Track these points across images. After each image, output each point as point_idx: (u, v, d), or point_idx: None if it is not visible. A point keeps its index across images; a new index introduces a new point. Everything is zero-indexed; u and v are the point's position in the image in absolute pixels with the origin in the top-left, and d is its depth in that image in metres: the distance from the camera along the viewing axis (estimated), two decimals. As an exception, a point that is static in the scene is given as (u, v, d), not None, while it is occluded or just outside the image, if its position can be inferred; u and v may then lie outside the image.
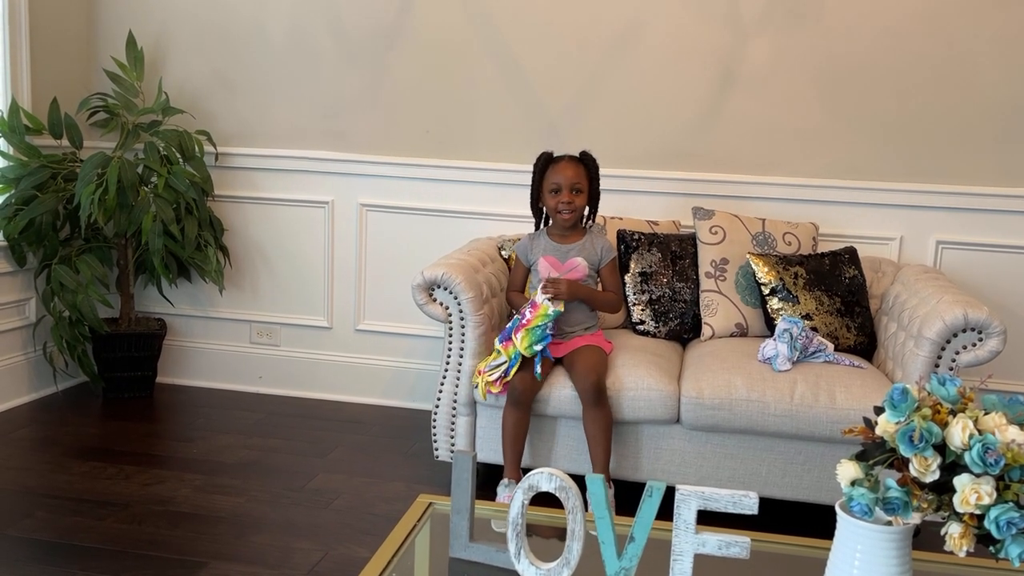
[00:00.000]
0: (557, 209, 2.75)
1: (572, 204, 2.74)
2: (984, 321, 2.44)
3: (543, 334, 2.62)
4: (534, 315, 2.63)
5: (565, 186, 2.74)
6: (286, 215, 3.65)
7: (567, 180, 2.74)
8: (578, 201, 2.75)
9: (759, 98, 3.25)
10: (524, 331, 2.61)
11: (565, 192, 2.74)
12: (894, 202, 3.20)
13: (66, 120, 3.39)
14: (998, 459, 1.22)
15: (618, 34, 3.30)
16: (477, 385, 2.67)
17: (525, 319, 2.63)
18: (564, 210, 2.74)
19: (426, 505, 1.81)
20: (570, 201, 2.73)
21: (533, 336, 2.61)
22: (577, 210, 2.76)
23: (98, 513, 2.55)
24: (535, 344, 2.61)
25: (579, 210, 2.77)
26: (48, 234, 3.32)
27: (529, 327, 2.61)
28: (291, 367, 3.71)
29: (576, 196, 2.74)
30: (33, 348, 3.52)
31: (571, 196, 2.73)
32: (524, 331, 2.61)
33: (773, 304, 2.89)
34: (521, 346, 2.60)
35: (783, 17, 3.19)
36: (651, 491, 1.42)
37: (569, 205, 2.73)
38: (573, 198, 2.74)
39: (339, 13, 3.48)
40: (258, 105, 3.61)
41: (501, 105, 3.42)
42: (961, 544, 1.25)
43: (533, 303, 2.66)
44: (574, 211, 2.75)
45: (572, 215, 2.75)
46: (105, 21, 3.66)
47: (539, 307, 2.63)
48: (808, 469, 2.58)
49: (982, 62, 3.09)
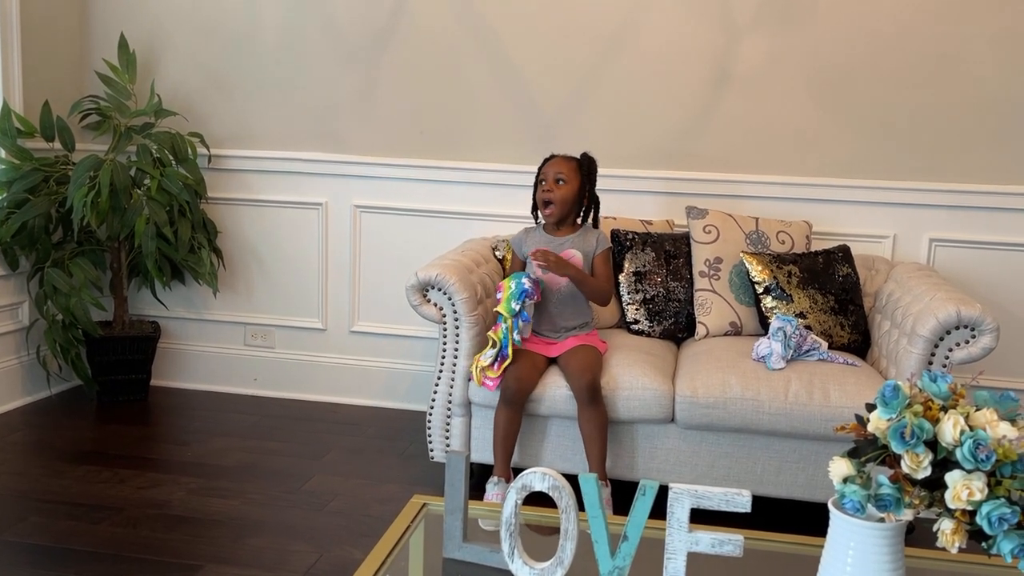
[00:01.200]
0: (541, 199, 2.77)
1: (551, 193, 2.74)
2: (977, 318, 2.45)
3: (520, 289, 2.62)
4: (503, 285, 2.65)
5: (549, 176, 2.77)
6: (280, 217, 3.64)
7: (551, 171, 2.77)
8: (559, 192, 2.74)
9: (752, 97, 3.25)
10: (504, 296, 2.62)
11: (549, 182, 2.76)
12: (887, 200, 3.21)
13: (58, 123, 3.38)
14: (989, 455, 1.22)
15: (611, 34, 3.31)
16: (473, 374, 2.67)
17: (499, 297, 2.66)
18: (545, 199, 2.75)
19: (420, 506, 1.81)
20: (550, 190, 2.74)
21: (512, 294, 2.61)
22: (558, 201, 2.75)
23: (93, 517, 2.55)
24: (513, 301, 2.61)
25: (560, 202, 2.76)
26: (41, 237, 3.31)
27: (507, 290, 2.63)
28: (286, 369, 3.71)
29: (557, 186, 2.75)
30: (27, 352, 3.51)
31: (553, 185, 2.75)
32: (504, 296, 2.62)
33: (767, 303, 2.89)
34: (503, 308, 2.61)
35: (776, 17, 3.20)
36: (644, 490, 1.42)
37: (549, 194, 2.74)
38: (554, 187, 2.75)
39: (332, 14, 3.48)
40: (251, 107, 3.60)
41: (495, 106, 3.42)
42: (953, 540, 1.25)
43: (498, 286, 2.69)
44: (553, 201, 2.75)
45: (554, 207, 2.75)
46: (97, 23, 3.66)
47: (503, 285, 2.66)
48: (802, 467, 2.58)
49: (974, 60, 3.10)
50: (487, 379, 2.63)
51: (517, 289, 2.62)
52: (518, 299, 2.61)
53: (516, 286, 2.62)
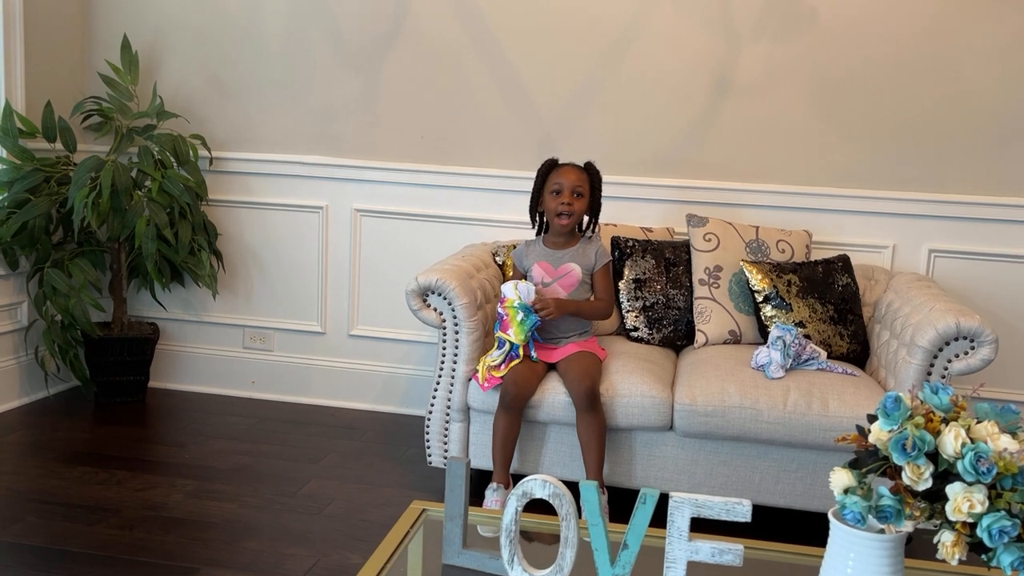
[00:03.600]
0: (557, 211, 2.76)
1: (571, 207, 2.74)
2: (976, 330, 2.45)
3: (528, 318, 2.63)
4: (506, 309, 2.65)
5: (567, 187, 2.75)
6: (280, 220, 3.64)
7: (569, 183, 2.75)
8: (577, 205, 2.76)
9: (753, 106, 3.26)
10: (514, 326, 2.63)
11: (566, 193, 2.74)
12: (887, 210, 3.21)
13: (60, 123, 3.38)
14: (990, 467, 1.22)
15: (613, 42, 3.31)
16: (478, 371, 2.67)
17: (504, 319, 2.66)
18: (563, 212, 2.74)
19: (419, 512, 1.81)
20: (570, 203, 2.74)
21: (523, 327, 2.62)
22: (576, 214, 2.77)
23: (89, 518, 2.54)
24: (524, 332, 2.63)
25: (577, 215, 2.78)
26: (41, 238, 3.30)
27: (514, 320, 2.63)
28: (284, 372, 3.70)
29: (576, 200, 2.75)
30: (25, 352, 3.50)
31: (571, 198, 2.74)
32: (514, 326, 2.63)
33: (766, 311, 2.89)
34: (517, 339, 2.62)
35: (777, 26, 3.21)
36: (644, 498, 1.42)
37: (568, 207, 2.74)
38: (573, 200, 2.74)
39: (334, 18, 3.49)
40: (253, 110, 3.60)
41: (496, 111, 3.43)
42: (953, 552, 1.25)
43: (502, 299, 2.68)
44: (573, 214, 2.76)
45: (571, 219, 2.76)
46: (99, 25, 3.66)
47: (506, 299, 2.65)
48: (801, 477, 2.58)
49: (975, 71, 3.11)
50: (490, 377, 2.64)
51: (528, 322, 2.63)
52: (529, 329, 2.63)
53: (526, 318, 2.63)
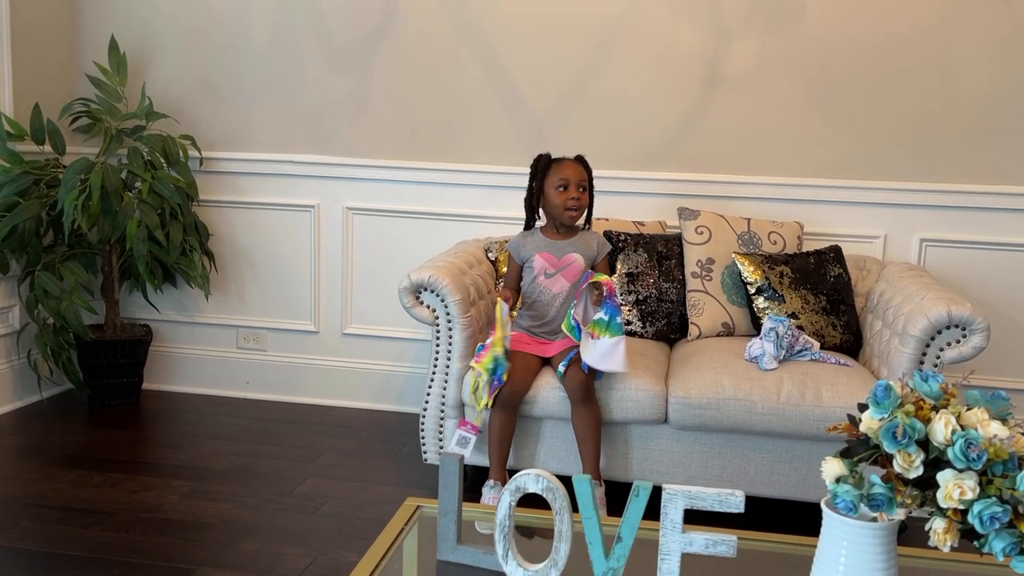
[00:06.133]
0: (566, 206, 2.77)
1: (580, 201, 2.78)
2: (968, 318, 2.46)
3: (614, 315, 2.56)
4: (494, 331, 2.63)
5: (573, 182, 2.77)
6: (272, 219, 3.63)
7: (575, 177, 2.78)
8: (584, 199, 2.80)
9: (743, 99, 3.26)
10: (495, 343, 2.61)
11: (573, 188, 2.77)
12: (878, 201, 3.22)
13: (48, 126, 3.37)
14: (981, 454, 1.23)
15: (603, 36, 3.31)
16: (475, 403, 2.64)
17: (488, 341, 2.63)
18: (573, 206, 2.77)
19: (413, 508, 1.81)
20: (578, 197, 2.77)
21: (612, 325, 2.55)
22: (583, 208, 2.81)
23: (85, 521, 2.54)
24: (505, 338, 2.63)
25: (584, 208, 2.82)
26: (31, 241, 3.29)
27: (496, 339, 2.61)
28: (278, 372, 3.70)
29: (582, 193, 2.79)
30: (17, 356, 3.49)
31: (579, 193, 2.77)
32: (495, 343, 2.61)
33: (759, 303, 2.90)
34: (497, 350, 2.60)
35: (766, 19, 3.21)
36: (638, 491, 1.42)
37: (577, 201, 2.77)
38: (580, 195, 2.78)
39: (323, 17, 3.48)
40: (243, 109, 3.59)
41: (486, 108, 3.42)
42: (945, 539, 1.26)
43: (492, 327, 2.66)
44: (582, 208, 2.79)
45: (579, 212, 2.80)
46: (87, 26, 3.65)
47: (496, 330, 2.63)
48: (795, 467, 2.59)
49: (964, 62, 3.12)
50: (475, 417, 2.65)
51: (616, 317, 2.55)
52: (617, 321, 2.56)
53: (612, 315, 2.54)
